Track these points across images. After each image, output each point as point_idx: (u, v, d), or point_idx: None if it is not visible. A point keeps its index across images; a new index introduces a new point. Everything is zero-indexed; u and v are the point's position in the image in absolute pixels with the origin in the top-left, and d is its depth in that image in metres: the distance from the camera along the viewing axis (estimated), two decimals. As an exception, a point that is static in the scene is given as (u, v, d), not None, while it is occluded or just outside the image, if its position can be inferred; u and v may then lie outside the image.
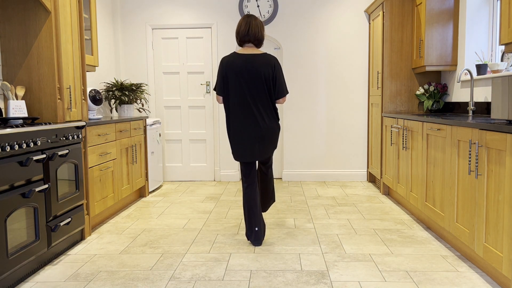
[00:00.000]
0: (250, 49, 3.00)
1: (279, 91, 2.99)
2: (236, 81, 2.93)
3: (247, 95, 2.93)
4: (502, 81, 2.36)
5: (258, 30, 2.98)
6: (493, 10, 3.89)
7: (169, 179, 5.60)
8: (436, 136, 3.12)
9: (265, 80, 2.93)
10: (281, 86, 2.99)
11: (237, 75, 2.93)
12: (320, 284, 2.40)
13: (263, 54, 2.97)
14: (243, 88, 2.93)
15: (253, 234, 3.03)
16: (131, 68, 5.47)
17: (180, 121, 5.54)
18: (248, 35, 2.97)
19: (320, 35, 5.35)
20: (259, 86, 2.92)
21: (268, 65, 2.93)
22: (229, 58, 2.98)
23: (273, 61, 2.97)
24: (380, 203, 4.23)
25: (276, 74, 2.96)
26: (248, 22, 2.97)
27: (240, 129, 2.97)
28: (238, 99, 2.95)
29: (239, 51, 3.00)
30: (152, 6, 5.40)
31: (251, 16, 3.01)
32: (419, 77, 4.62)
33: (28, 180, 2.51)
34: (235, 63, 2.94)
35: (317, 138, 5.45)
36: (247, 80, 2.92)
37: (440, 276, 2.49)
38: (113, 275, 2.57)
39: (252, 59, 2.94)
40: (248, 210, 3.06)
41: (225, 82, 2.99)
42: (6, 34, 3.05)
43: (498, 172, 2.26)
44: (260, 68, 2.91)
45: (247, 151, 2.99)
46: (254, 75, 2.91)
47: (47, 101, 3.05)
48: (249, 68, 2.92)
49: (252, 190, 3.05)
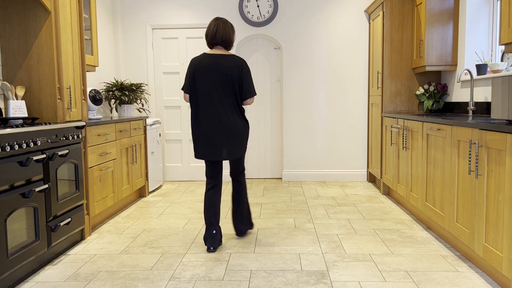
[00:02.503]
0: (219, 50, 3.03)
1: (246, 92, 2.99)
2: (203, 80, 2.95)
3: (213, 94, 2.94)
4: (502, 81, 2.36)
5: (226, 33, 3.00)
6: (493, 10, 3.89)
7: (169, 179, 5.60)
8: (436, 136, 3.12)
9: (231, 80, 2.94)
10: (248, 86, 2.99)
11: (204, 74, 2.95)
12: (320, 284, 2.40)
13: (231, 55, 3.00)
14: (210, 87, 2.94)
15: (210, 238, 2.97)
16: (131, 68, 5.48)
17: (180, 121, 5.54)
18: (216, 38, 2.99)
19: (320, 35, 5.35)
20: (226, 86, 2.94)
21: (235, 66, 2.96)
22: (198, 58, 3.01)
23: (240, 62, 2.99)
24: (380, 203, 4.23)
25: (243, 75, 2.97)
26: (216, 25, 3.00)
27: (204, 126, 2.95)
28: (204, 98, 2.95)
29: (209, 52, 3.03)
30: (152, 6, 5.40)
31: (220, 19, 3.03)
32: (419, 77, 4.62)
33: (28, 180, 2.51)
34: (203, 63, 2.96)
35: (317, 138, 5.45)
36: (214, 79, 2.94)
37: (440, 276, 2.49)
38: (113, 275, 2.57)
39: (220, 59, 2.96)
40: (208, 212, 3.02)
41: (192, 81, 3.00)
42: (6, 34, 3.05)
43: (498, 172, 2.26)
44: (227, 69, 2.94)
45: (211, 149, 2.96)
46: (221, 75, 2.93)
47: (47, 101, 3.05)
48: (217, 68, 2.94)
49: (215, 193, 3.05)
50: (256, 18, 5.31)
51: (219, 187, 3.07)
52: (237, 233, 3.25)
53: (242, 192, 3.22)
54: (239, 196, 3.21)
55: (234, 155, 2.99)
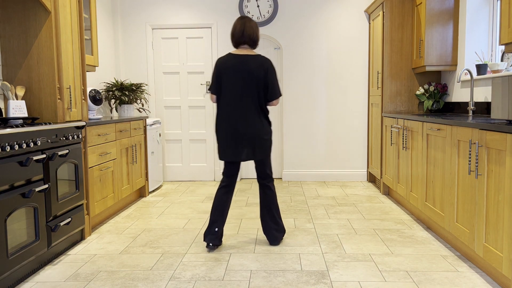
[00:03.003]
0: (245, 50, 3.02)
1: (272, 93, 2.99)
2: (229, 81, 2.95)
3: (239, 95, 2.94)
4: (502, 81, 2.36)
5: (252, 31, 3.00)
6: (493, 10, 3.89)
7: (169, 179, 5.60)
8: (436, 136, 3.12)
9: (257, 81, 2.94)
10: (273, 88, 2.99)
11: (230, 75, 2.95)
12: (320, 284, 2.40)
13: (257, 55, 2.99)
14: (235, 88, 2.94)
15: (210, 234, 2.97)
16: (131, 68, 5.48)
17: (180, 121, 5.54)
18: (243, 36, 2.98)
19: (320, 35, 5.35)
20: (251, 87, 2.94)
21: (261, 67, 2.95)
22: (223, 58, 3.01)
23: (266, 63, 2.98)
24: (380, 203, 4.23)
25: (269, 76, 2.97)
26: (243, 23, 2.99)
27: (228, 127, 2.96)
28: (229, 99, 2.96)
29: (234, 51, 3.02)
30: (152, 6, 5.40)
31: (245, 18, 3.03)
32: (419, 77, 4.62)
33: (28, 180, 2.51)
34: (229, 63, 2.96)
35: (317, 138, 5.45)
36: (239, 80, 2.93)
37: (440, 276, 2.49)
38: (113, 275, 2.57)
39: (246, 60, 2.95)
40: (215, 209, 3.01)
41: (218, 82, 3.00)
42: (6, 34, 3.05)
43: (498, 172, 2.26)
44: (253, 70, 2.93)
45: (231, 149, 2.97)
46: (247, 76, 2.93)
47: (47, 101, 3.05)
48: (242, 69, 2.93)
49: (226, 192, 3.04)
50: (256, 18, 5.31)
51: (232, 188, 3.07)
52: (272, 241, 3.06)
53: (273, 199, 3.09)
54: (270, 203, 3.08)
55: (253, 156, 2.99)
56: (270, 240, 3.05)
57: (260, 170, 3.10)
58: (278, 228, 3.08)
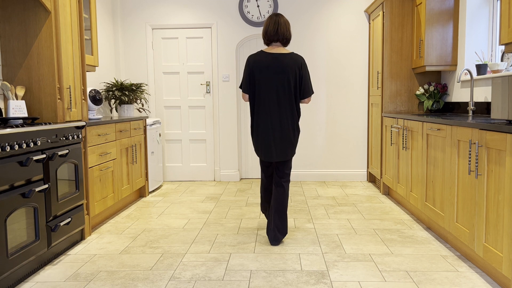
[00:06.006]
0: (278, 48, 3.00)
1: (305, 91, 2.99)
2: (262, 79, 2.94)
3: (273, 93, 2.93)
4: (502, 81, 2.36)
5: (286, 29, 2.98)
6: (493, 10, 3.89)
7: (169, 179, 5.60)
8: (436, 136, 3.12)
9: (291, 80, 2.92)
10: (307, 85, 2.99)
11: (264, 74, 2.93)
12: (320, 284, 2.40)
13: (291, 53, 2.97)
14: (269, 86, 2.93)
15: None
16: (131, 68, 5.48)
17: (180, 121, 5.54)
18: (277, 34, 2.97)
19: (320, 35, 5.35)
20: (285, 85, 2.93)
21: (295, 64, 2.94)
22: (256, 56, 2.99)
23: (300, 60, 2.97)
24: (380, 203, 4.23)
25: (303, 73, 2.96)
26: (276, 21, 2.97)
27: (263, 127, 2.98)
28: (263, 98, 2.95)
29: (266, 49, 3.00)
30: (152, 6, 5.40)
31: (278, 15, 3.01)
32: (419, 77, 4.62)
33: (28, 180, 2.51)
34: (262, 62, 2.94)
35: (317, 138, 5.45)
36: (273, 78, 2.92)
37: (440, 276, 2.49)
38: (113, 275, 2.57)
39: (280, 58, 2.93)
40: (265, 199, 3.23)
41: (251, 80, 2.99)
42: (6, 34, 3.05)
43: (498, 172, 2.26)
44: (287, 67, 2.91)
45: (266, 148, 3.01)
46: (281, 74, 2.91)
47: (47, 101, 3.05)
48: (276, 67, 2.92)
49: (268, 181, 3.20)
50: (256, 18, 5.31)
51: (271, 189, 3.18)
52: (272, 240, 3.03)
53: (283, 198, 3.07)
54: (279, 201, 3.05)
55: (283, 155, 3.02)
56: (271, 239, 3.05)
57: (280, 170, 3.11)
58: (282, 229, 3.07)
